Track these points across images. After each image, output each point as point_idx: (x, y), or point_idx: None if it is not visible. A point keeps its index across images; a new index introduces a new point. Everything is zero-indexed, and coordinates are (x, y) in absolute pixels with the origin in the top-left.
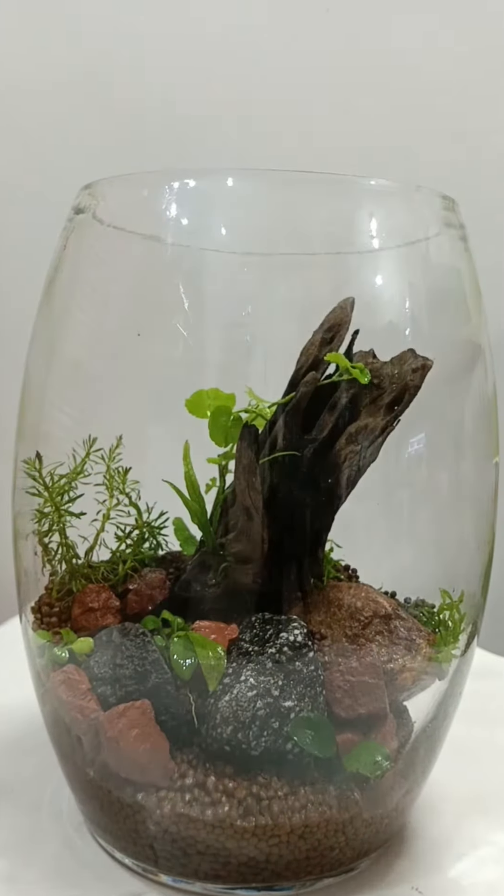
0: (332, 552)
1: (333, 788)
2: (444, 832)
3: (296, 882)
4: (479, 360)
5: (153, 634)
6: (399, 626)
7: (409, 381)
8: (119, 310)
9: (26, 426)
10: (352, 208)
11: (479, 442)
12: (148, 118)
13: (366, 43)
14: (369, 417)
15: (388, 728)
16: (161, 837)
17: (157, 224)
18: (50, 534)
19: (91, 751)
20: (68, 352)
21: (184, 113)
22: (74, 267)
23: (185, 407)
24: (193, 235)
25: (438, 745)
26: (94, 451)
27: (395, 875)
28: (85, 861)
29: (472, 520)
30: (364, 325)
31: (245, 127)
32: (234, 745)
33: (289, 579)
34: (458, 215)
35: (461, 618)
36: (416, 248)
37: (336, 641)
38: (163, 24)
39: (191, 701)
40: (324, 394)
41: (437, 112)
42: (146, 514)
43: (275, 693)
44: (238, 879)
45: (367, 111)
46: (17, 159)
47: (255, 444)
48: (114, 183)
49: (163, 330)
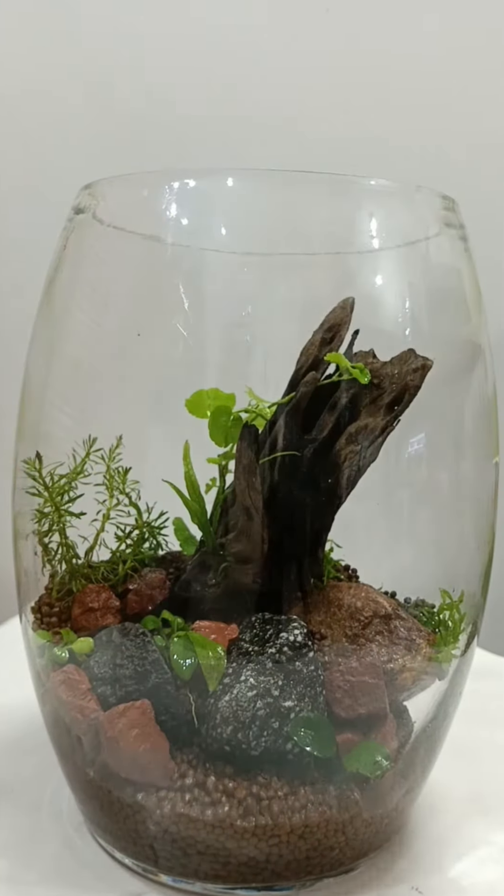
0: (332, 552)
1: (333, 788)
2: (444, 832)
3: (296, 882)
4: (479, 360)
5: (153, 634)
6: (399, 626)
7: (409, 381)
8: (119, 310)
9: (26, 426)
10: (352, 208)
11: (479, 442)
12: (148, 118)
13: (366, 43)
14: (369, 417)
15: (388, 728)
16: (161, 837)
17: (157, 224)
18: (50, 534)
19: (91, 751)
20: (68, 352)
21: (184, 113)
22: (74, 267)
23: (185, 407)
24: (193, 235)
25: (438, 745)
26: (94, 451)
27: (395, 875)
28: (85, 861)
29: (472, 520)
30: (364, 325)
31: (245, 127)
32: (234, 745)
33: (289, 579)
34: (458, 215)
35: (461, 618)
36: (416, 248)
37: (336, 641)
38: (163, 24)
39: (191, 701)
40: (324, 394)
41: (437, 112)
42: (146, 514)
43: (275, 693)
44: (238, 879)
45: (367, 111)
46: (17, 159)
47: (255, 444)
48: (114, 183)
49: (163, 330)
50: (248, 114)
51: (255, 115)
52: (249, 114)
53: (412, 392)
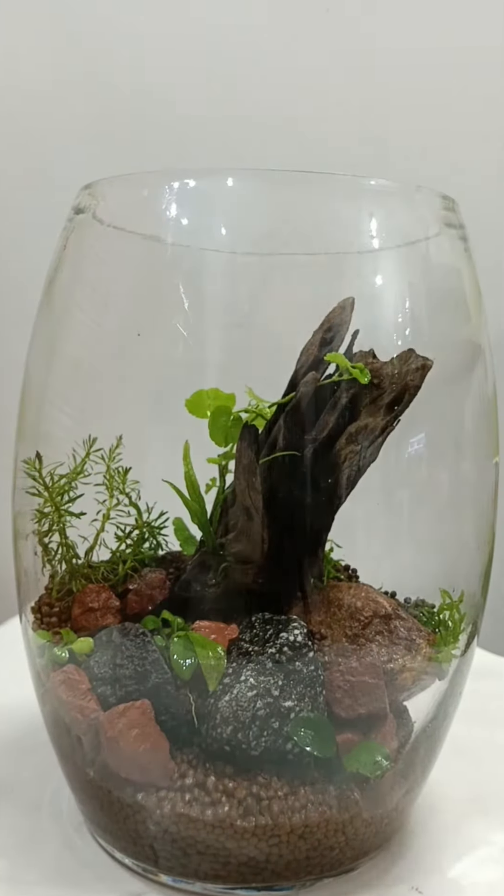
0: (332, 552)
1: (333, 788)
2: (444, 832)
3: (296, 882)
4: (479, 360)
5: (153, 634)
6: (399, 626)
7: (409, 381)
8: (119, 310)
9: (26, 426)
10: (352, 208)
11: (479, 442)
12: (148, 118)
13: (366, 43)
14: (369, 417)
15: (388, 728)
16: (161, 837)
17: (157, 224)
18: (50, 534)
19: (91, 751)
20: (68, 352)
21: (184, 113)
22: (74, 267)
23: (185, 407)
24: (193, 235)
25: (438, 745)
26: (94, 451)
27: (395, 875)
28: (85, 861)
29: (472, 520)
30: (364, 325)
31: (245, 127)
32: (234, 745)
33: (289, 579)
34: (458, 215)
35: (461, 618)
36: (416, 248)
37: (336, 641)
38: (163, 24)
39: (191, 701)
40: (324, 394)
41: (437, 112)
42: (146, 514)
43: (275, 693)
44: (238, 879)
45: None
46: (17, 159)
47: (255, 444)
48: (114, 183)
49: (163, 330)
50: (247, 114)
51: (255, 115)
52: (249, 114)
53: (412, 392)
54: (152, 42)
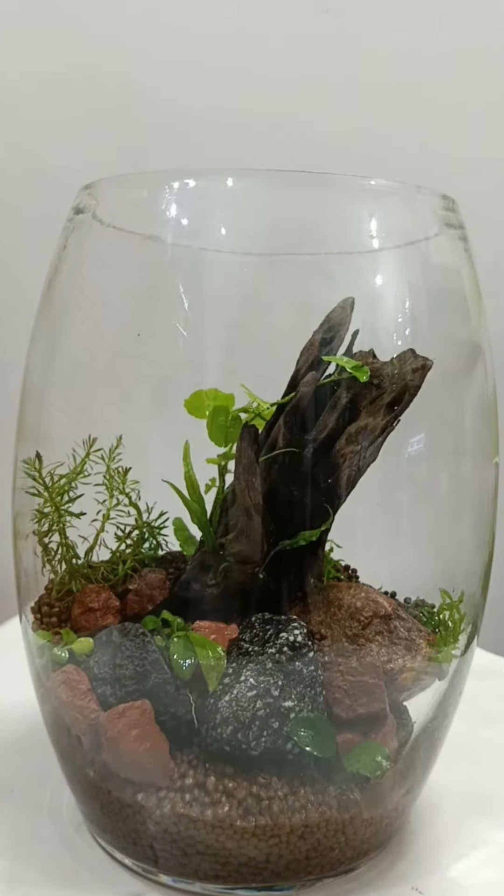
0: (332, 552)
1: (333, 788)
2: (444, 832)
3: (296, 882)
4: (479, 360)
5: (153, 634)
6: (399, 626)
7: (409, 381)
8: (119, 310)
9: (26, 426)
10: (352, 208)
11: (479, 442)
12: (148, 118)
13: (366, 43)
14: (369, 417)
15: (388, 728)
16: (161, 837)
17: (157, 224)
18: (50, 534)
19: (91, 751)
20: (68, 352)
21: (184, 113)
22: (74, 267)
23: (185, 407)
24: (193, 235)
25: (438, 745)
26: (94, 451)
27: (395, 875)
28: (85, 861)
29: (472, 520)
30: (364, 326)
31: (245, 126)
32: (234, 745)
33: (289, 579)
34: (458, 215)
35: (461, 618)
36: (416, 248)
37: (336, 641)
38: (163, 24)
39: (191, 701)
40: (324, 394)
41: (437, 112)
42: (146, 514)
43: (275, 693)
44: (238, 879)
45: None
46: (17, 159)
47: (255, 443)
48: (114, 183)
49: (163, 330)
50: (248, 113)
51: (255, 115)
52: (249, 113)
53: (412, 392)
54: (152, 42)
